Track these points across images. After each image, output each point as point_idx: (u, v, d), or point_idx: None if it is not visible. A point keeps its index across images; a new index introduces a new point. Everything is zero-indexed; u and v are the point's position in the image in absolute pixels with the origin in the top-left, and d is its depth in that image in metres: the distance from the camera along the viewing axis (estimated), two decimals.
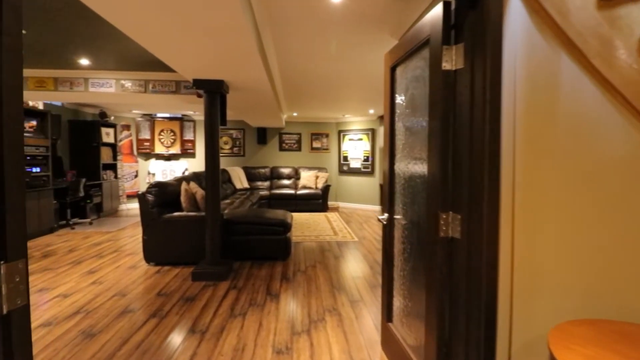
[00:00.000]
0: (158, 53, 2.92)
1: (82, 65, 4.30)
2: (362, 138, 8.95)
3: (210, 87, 3.67)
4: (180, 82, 4.50)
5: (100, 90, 4.49)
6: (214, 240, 3.76)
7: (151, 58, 4.09)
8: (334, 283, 3.61)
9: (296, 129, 9.49)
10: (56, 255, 4.56)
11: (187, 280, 3.66)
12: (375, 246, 5.13)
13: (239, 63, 3.17)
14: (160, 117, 8.98)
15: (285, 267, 4.15)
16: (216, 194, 3.77)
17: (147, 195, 4.07)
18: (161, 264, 4.16)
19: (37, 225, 5.49)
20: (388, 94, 2.20)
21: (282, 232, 4.35)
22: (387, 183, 2.20)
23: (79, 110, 7.56)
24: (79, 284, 3.56)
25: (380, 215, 2.25)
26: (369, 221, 7.22)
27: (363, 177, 8.99)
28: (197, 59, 3.06)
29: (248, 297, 3.21)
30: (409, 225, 1.96)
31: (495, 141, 1.37)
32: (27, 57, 4.15)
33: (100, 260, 4.35)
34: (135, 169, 8.82)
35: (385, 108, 2.25)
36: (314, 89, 5.53)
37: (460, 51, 1.50)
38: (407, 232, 1.98)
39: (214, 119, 3.72)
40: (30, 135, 5.57)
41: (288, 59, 3.95)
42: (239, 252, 4.31)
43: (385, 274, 2.25)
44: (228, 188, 7.71)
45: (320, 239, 5.56)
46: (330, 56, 3.81)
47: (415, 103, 1.85)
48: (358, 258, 4.53)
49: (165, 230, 4.07)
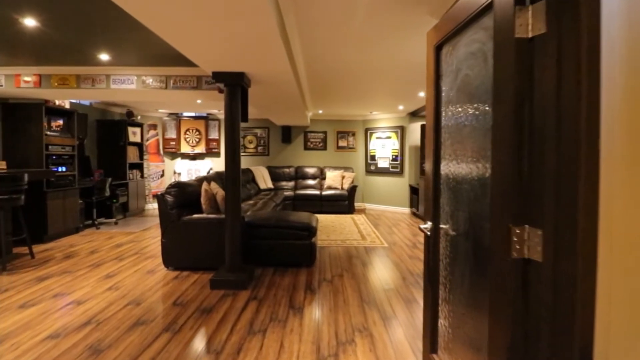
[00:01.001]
0: (176, 42, 2.69)
1: (103, 62, 4.18)
2: (391, 136, 8.52)
3: (231, 80, 3.42)
4: (201, 78, 4.30)
5: (121, 87, 4.36)
6: (234, 245, 3.51)
7: (172, 52, 3.89)
8: (364, 296, 3.26)
9: (321, 127, 9.19)
10: (78, 257, 4.48)
11: (205, 288, 3.43)
12: (407, 253, 4.73)
13: (261, 52, 2.88)
14: (186, 117, 8.94)
15: (310, 275, 3.84)
16: (237, 195, 3.52)
17: (166, 196, 3.89)
18: (180, 269, 3.96)
19: (62, 225, 5.48)
20: (432, 79, 1.83)
21: (307, 236, 4.05)
22: (432, 186, 1.84)
23: (106, 110, 7.61)
24: (95, 289, 3.41)
25: (423, 224, 1.89)
26: (399, 225, 6.79)
27: (391, 177, 8.55)
28: (216, 48, 2.80)
29: (269, 311, 2.92)
30: (461, 238, 1.59)
31: (593, 130, 0.99)
32: (51, 54, 4.06)
33: (120, 263, 4.21)
34: (162, 168, 8.82)
35: (428, 96, 1.88)
36: (341, 83, 5.19)
37: (540, 11, 1.11)
38: (458, 247, 1.61)
39: (234, 115, 3.47)
40: (57, 134, 5.57)
41: (313, 49, 3.64)
42: (261, 258, 4.04)
43: (428, 295, 1.89)
44: (252, 188, 7.51)
45: (347, 244, 5.21)
46: (360, 44, 3.46)
47: (471, 86, 1.48)
48: (389, 266, 4.15)
49: (184, 233, 3.86)
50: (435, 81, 1.80)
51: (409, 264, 4.24)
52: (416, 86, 5.33)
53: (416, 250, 4.88)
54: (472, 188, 1.46)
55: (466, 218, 1.53)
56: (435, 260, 1.82)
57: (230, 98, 3.44)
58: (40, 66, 4.37)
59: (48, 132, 5.39)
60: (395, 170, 8.42)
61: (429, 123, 1.87)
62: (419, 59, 3.92)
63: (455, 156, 1.62)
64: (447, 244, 1.73)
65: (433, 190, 1.82)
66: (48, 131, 5.39)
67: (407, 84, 5.22)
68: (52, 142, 5.43)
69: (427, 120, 1.90)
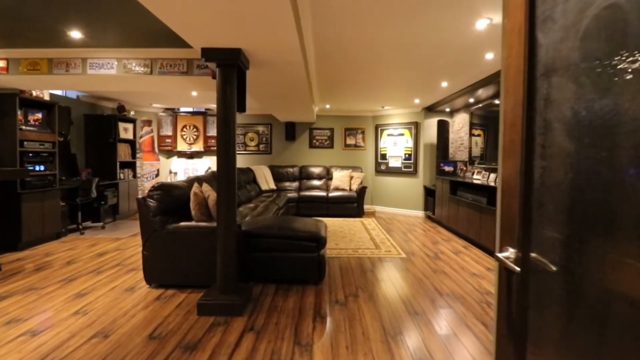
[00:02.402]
0: (154, 6, 2.07)
1: (78, 41, 3.57)
2: (404, 133, 7.87)
3: (225, 58, 2.80)
4: (192, 61, 3.69)
5: (100, 73, 3.75)
6: (228, 260, 2.89)
7: (156, 27, 3.28)
8: (387, 325, 2.63)
9: (328, 124, 8.55)
10: (50, 269, 3.88)
11: (192, 313, 2.81)
12: (430, 266, 4.09)
13: (263, 21, 2.26)
14: (183, 112, 8.34)
15: (319, 294, 3.21)
16: (231, 200, 2.90)
17: (148, 200, 3.27)
18: (164, 286, 3.34)
19: (40, 230, 4.89)
20: (520, 27, 1.19)
21: (314, 248, 3.42)
22: (518, 197, 1.20)
23: (96, 104, 7.02)
24: (58, 313, 2.80)
25: (499, 251, 1.25)
26: (414, 230, 6.15)
27: (404, 177, 7.91)
28: (206, 15, 2.18)
29: (269, 348, 2.30)
30: (576, 280, 0.96)
31: None
32: (18, 33, 3.46)
33: (96, 278, 3.61)
34: (157, 167, 8.22)
35: (507, 61, 1.24)
36: (354, 71, 4.56)
37: None
38: (571, 294, 0.98)
39: (228, 102, 2.85)
40: (34, 129, 4.98)
41: (327, 25, 3.02)
42: (261, 272, 3.42)
43: (506, 357, 1.25)
44: (253, 189, 6.89)
45: (359, 253, 4.58)
46: (387, 17, 2.84)
47: (614, 27, 0.85)
48: (412, 284, 3.52)
49: (169, 245, 3.25)
50: (529, 32, 1.16)
51: (435, 280, 3.60)
52: (440, 75, 4.69)
53: (439, 262, 4.24)
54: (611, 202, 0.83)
55: (590, 250, 0.89)
56: (522, 309, 1.19)
57: (224, 81, 2.82)
58: (6, 49, 3.76)
59: (24, 126, 4.80)
60: (408, 170, 7.78)
61: (512, 102, 1.22)
62: (457, 39, 3.29)
63: (574, 154, 0.98)
64: (540, 284, 1.10)
65: (521, 202, 1.19)
66: (24, 125, 4.80)
67: (431, 72, 4.58)
68: (29, 137, 4.84)
69: (505, 100, 1.26)
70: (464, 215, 5.29)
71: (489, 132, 6.14)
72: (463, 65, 4.23)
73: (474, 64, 4.12)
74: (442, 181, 6.35)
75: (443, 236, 5.69)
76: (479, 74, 4.61)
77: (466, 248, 4.92)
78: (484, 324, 2.66)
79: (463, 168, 6.38)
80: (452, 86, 5.38)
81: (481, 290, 3.33)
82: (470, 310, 2.89)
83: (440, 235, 5.78)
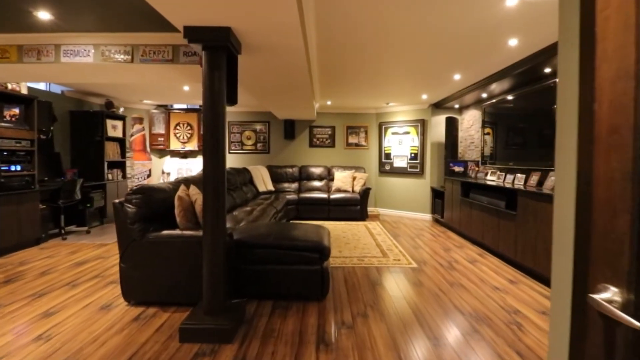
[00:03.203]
0: None
1: (48, 23, 3.16)
2: (409, 131, 7.45)
3: (212, 38, 2.38)
4: (178, 48, 3.26)
5: (75, 61, 3.33)
6: (215, 276, 2.47)
7: (137, 6, 2.87)
8: (404, 355, 2.22)
9: (329, 122, 8.13)
10: (22, 281, 3.46)
11: (173, 338, 2.39)
12: (445, 278, 3.67)
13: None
14: (177, 109, 7.92)
15: (323, 314, 2.79)
16: (220, 205, 2.48)
17: (126, 205, 2.85)
18: (144, 304, 2.92)
19: (15, 236, 4.46)
20: None
21: (317, 260, 3.01)
22: (630, 207, 0.78)
23: (83, 100, 6.60)
24: (18, 338, 2.38)
25: (596, 293, 0.83)
26: (422, 235, 5.73)
27: (410, 178, 7.49)
28: None
29: None
30: None
31: None
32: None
33: (70, 292, 3.19)
34: (148, 167, 7.79)
35: (601, 4, 0.83)
36: (360, 59, 4.14)
37: None
38: None
39: (216, 91, 2.43)
40: (10, 125, 4.55)
41: (331, 2, 2.60)
42: (256, 287, 3.01)
43: None
44: (249, 191, 6.47)
45: (365, 262, 4.16)
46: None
47: None
48: (428, 301, 3.10)
49: (150, 256, 2.83)
50: None
51: (453, 296, 3.18)
52: (454, 65, 4.27)
53: (455, 273, 3.82)
54: None
55: None
56: None
57: (211, 66, 2.40)
58: None
59: None
60: (415, 171, 7.36)
61: (613, 72, 0.80)
62: (482, 20, 2.88)
63: None
64: None
65: (634, 219, 0.77)
66: None
67: (446, 63, 4.17)
68: (3, 134, 4.42)
69: (600, 69, 0.84)
70: (479, 220, 4.87)
71: (498, 130, 5.71)
72: (482, 54, 3.82)
73: (495, 51, 3.70)
74: (452, 182, 5.93)
75: (455, 242, 5.27)
76: (497, 64, 4.18)
77: (482, 256, 4.50)
78: (519, 354, 2.24)
79: (475, 168, 5.96)
80: (465, 79, 4.97)
81: (507, 309, 2.91)
82: (500, 335, 2.47)
83: (451, 241, 5.36)
